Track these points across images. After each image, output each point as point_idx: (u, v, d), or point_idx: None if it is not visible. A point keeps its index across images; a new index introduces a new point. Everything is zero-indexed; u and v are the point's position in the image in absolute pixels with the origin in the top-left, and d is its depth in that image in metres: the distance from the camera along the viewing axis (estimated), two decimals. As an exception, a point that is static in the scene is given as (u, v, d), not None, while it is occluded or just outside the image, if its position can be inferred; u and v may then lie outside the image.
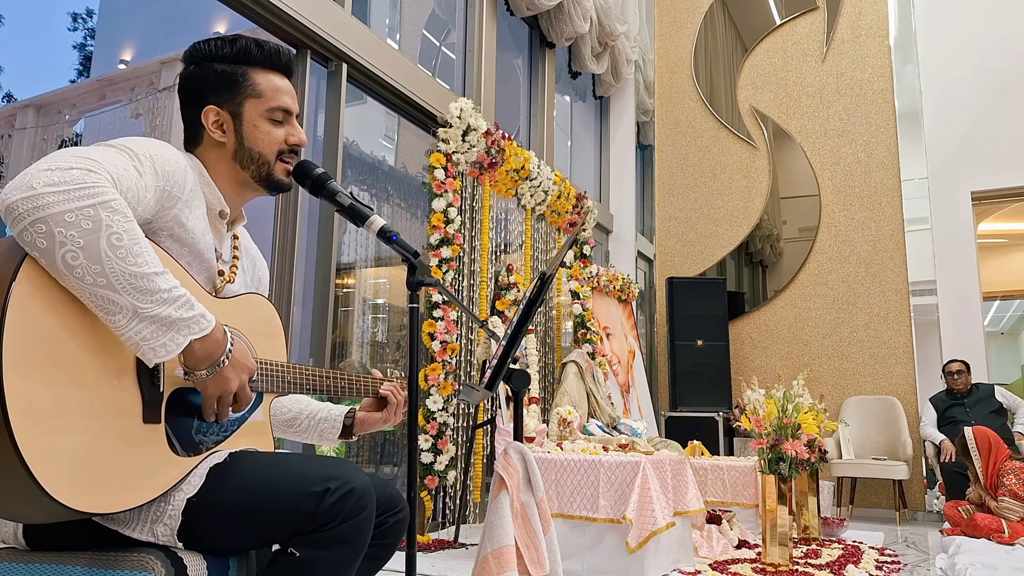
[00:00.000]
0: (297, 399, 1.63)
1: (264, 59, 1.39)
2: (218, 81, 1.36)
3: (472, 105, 4.54)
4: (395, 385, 1.65)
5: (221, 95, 1.36)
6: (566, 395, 4.83)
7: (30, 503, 1.03)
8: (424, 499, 4.03)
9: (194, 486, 1.20)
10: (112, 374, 1.11)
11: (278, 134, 1.39)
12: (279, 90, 1.40)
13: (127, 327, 1.06)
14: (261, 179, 1.40)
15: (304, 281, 3.72)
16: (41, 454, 0.99)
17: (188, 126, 1.39)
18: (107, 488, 1.07)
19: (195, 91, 1.37)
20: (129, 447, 1.11)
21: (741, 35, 7.64)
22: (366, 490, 1.23)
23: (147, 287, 1.06)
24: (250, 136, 1.37)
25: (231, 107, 1.36)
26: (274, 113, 1.38)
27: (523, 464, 2.15)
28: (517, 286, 4.68)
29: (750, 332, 7.10)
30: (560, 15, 5.97)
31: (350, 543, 1.21)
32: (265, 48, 1.39)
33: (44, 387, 1.01)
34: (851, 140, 6.99)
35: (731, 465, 4.60)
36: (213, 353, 1.16)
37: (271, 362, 1.38)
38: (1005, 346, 12.77)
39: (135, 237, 1.07)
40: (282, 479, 1.21)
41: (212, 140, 1.36)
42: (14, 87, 17.06)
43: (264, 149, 1.38)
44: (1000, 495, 4.44)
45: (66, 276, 1.03)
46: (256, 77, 1.38)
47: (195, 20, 7.87)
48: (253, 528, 1.21)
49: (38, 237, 1.01)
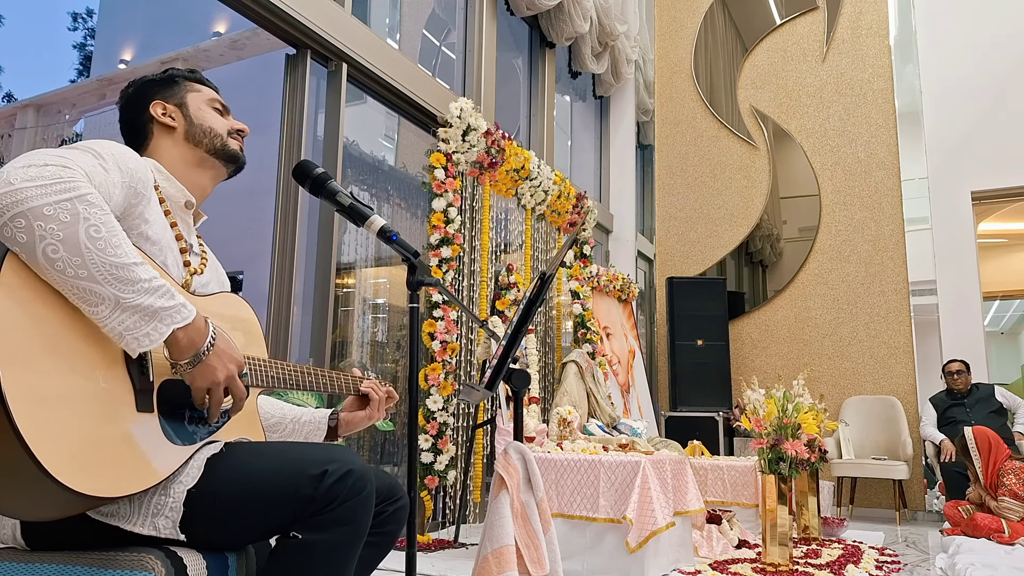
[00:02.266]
0: (280, 405, 1.64)
1: (193, 77, 1.53)
2: (158, 85, 1.48)
3: (472, 105, 4.54)
4: (375, 381, 1.66)
5: (164, 94, 1.47)
6: (566, 395, 4.83)
7: (35, 491, 1.03)
8: (424, 499, 4.03)
9: (193, 477, 1.20)
10: (103, 364, 1.11)
11: (222, 120, 1.50)
12: (213, 92, 1.54)
13: (110, 318, 1.07)
14: (215, 151, 1.47)
15: (304, 281, 3.72)
16: (44, 440, 0.99)
17: (133, 131, 1.47)
18: (108, 474, 1.08)
19: (136, 100, 1.47)
20: (125, 435, 1.12)
21: (741, 35, 7.64)
22: (364, 471, 1.24)
23: (128, 277, 1.08)
24: (198, 116, 1.47)
25: (175, 100, 1.47)
26: (214, 103, 1.51)
27: (523, 464, 2.15)
28: (517, 286, 4.68)
29: (750, 332, 7.10)
30: (560, 15, 5.98)
31: (351, 524, 1.21)
32: (193, 72, 1.55)
33: (41, 376, 1.02)
34: (851, 140, 6.99)
35: (731, 465, 4.60)
36: (196, 342, 1.17)
37: (254, 357, 1.39)
38: (1005, 346, 12.77)
39: (112, 229, 1.09)
40: (280, 465, 1.22)
41: (162, 128, 1.45)
42: (14, 87, 17.07)
43: (214, 125, 1.48)
44: (1000, 495, 4.44)
45: (47, 270, 1.04)
46: (191, 83, 1.52)
47: (195, 20, 7.87)
48: (254, 516, 1.21)
49: (18, 232, 1.02)
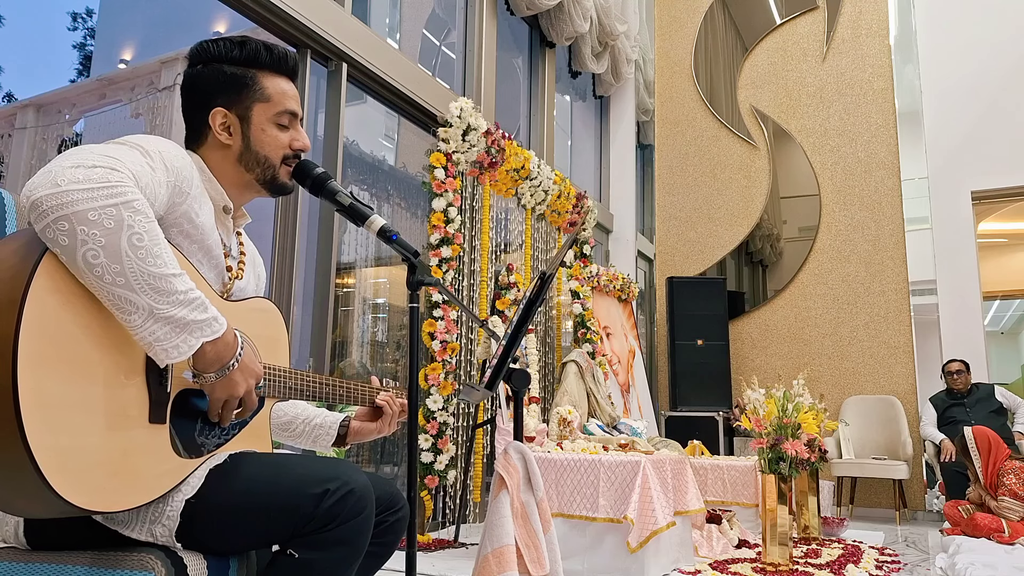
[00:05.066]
0: (294, 403, 1.63)
1: (272, 63, 1.39)
2: (226, 83, 1.36)
3: (472, 105, 4.54)
4: (391, 395, 1.64)
5: (229, 97, 1.36)
6: (566, 395, 4.83)
7: (34, 497, 1.03)
8: (424, 499, 4.03)
9: (193, 487, 1.20)
10: (122, 373, 1.11)
11: (283, 139, 1.39)
12: (286, 94, 1.40)
13: (142, 327, 1.07)
14: (265, 182, 1.40)
15: (304, 281, 3.72)
16: (49, 450, 0.99)
17: (191, 126, 1.39)
18: (110, 487, 1.08)
19: (201, 91, 1.36)
20: (133, 447, 1.12)
21: (741, 35, 7.64)
22: (365, 491, 1.22)
23: (164, 288, 1.07)
24: (257, 140, 1.37)
25: (239, 110, 1.36)
26: (281, 117, 1.39)
27: (523, 464, 2.15)
28: (517, 286, 4.68)
29: (750, 332, 7.10)
30: (560, 15, 5.97)
31: (349, 544, 1.21)
32: (274, 52, 1.40)
33: (56, 383, 1.02)
34: (851, 140, 6.99)
35: (731, 465, 4.59)
36: (224, 356, 1.17)
37: (274, 367, 1.38)
38: (1005, 346, 12.78)
39: (155, 238, 1.08)
40: (281, 481, 1.21)
41: (217, 142, 1.36)
42: (14, 87, 17.07)
43: (270, 153, 1.39)
44: (1000, 495, 4.44)
45: (85, 274, 1.04)
46: (264, 81, 1.38)
47: (195, 20, 7.87)
48: (252, 529, 1.21)
49: (60, 234, 1.02)
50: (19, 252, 1.05)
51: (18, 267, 1.02)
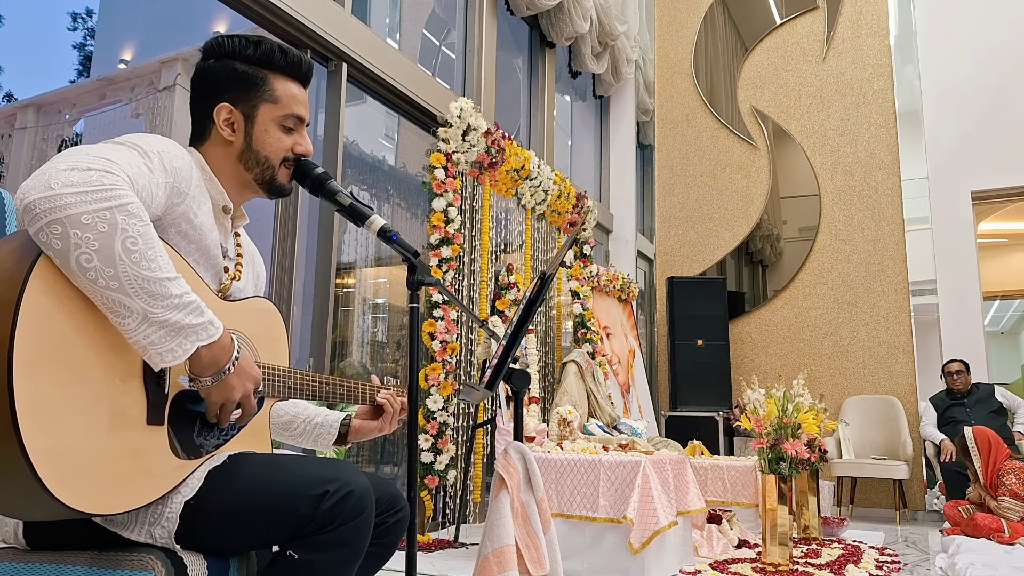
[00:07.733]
0: (294, 403, 1.63)
1: (286, 66, 1.39)
2: (237, 80, 1.36)
3: (472, 105, 4.54)
4: (391, 393, 1.64)
5: (237, 94, 1.36)
6: (566, 395, 4.83)
7: (32, 501, 1.03)
8: (424, 499, 4.03)
9: (192, 488, 1.19)
10: (119, 375, 1.11)
11: (286, 141, 1.39)
12: (295, 98, 1.40)
13: (136, 331, 1.06)
14: (264, 182, 1.40)
15: (304, 281, 3.72)
16: (45, 453, 0.99)
17: (196, 120, 1.39)
18: (108, 489, 1.07)
19: (210, 85, 1.36)
20: (131, 449, 1.11)
21: (741, 35, 7.64)
22: (365, 492, 1.22)
23: (159, 292, 1.06)
24: (259, 140, 1.37)
25: (245, 108, 1.36)
26: (286, 120, 1.39)
27: (523, 464, 2.15)
28: (517, 286, 4.68)
29: (750, 332, 7.10)
30: (560, 15, 5.97)
31: (349, 545, 1.20)
32: (289, 55, 1.39)
33: (52, 386, 1.01)
34: (851, 140, 6.99)
35: (731, 465, 4.59)
36: (219, 360, 1.16)
37: (273, 366, 1.38)
38: (1005, 346, 12.77)
39: (150, 241, 1.07)
40: (281, 482, 1.20)
41: (220, 137, 1.36)
42: (14, 87, 17.04)
43: (271, 154, 1.38)
44: (1000, 495, 4.44)
45: (79, 277, 1.03)
46: (275, 83, 1.38)
47: (195, 20, 7.87)
48: (251, 530, 1.20)
49: (53, 238, 1.01)
50: (15, 253, 1.04)
51: (14, 269, 1.02)
